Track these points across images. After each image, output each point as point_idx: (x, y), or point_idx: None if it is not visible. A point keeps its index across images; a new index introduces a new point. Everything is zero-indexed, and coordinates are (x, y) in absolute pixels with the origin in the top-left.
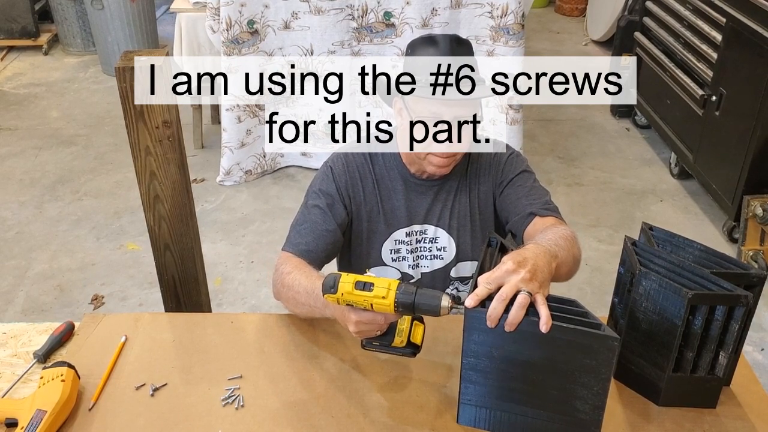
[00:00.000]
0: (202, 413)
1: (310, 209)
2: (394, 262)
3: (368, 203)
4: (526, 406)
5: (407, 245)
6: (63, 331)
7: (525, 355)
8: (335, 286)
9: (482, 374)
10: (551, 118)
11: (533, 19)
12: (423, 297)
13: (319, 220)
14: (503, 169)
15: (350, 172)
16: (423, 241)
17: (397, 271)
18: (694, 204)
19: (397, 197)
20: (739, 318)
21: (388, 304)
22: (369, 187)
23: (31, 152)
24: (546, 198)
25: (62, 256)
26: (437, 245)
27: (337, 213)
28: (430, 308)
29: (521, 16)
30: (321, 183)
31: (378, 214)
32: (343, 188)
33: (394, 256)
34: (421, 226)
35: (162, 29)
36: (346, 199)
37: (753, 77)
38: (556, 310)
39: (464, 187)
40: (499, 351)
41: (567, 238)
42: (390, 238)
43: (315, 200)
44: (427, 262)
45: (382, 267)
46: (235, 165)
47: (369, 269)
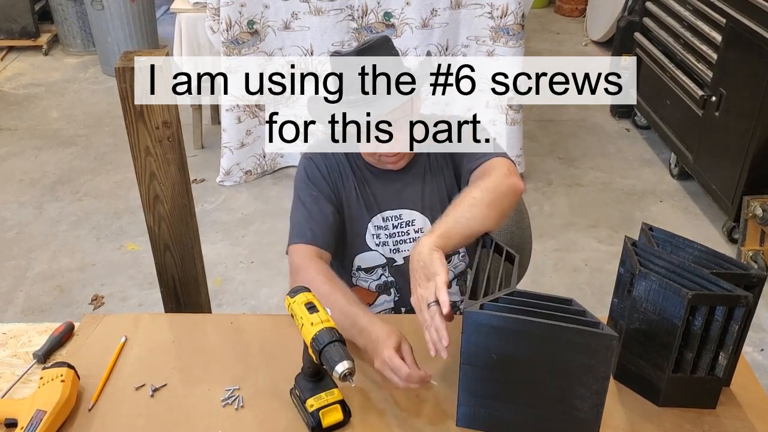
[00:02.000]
0: (202, 414)
1: (303, 200)
2: (379, 247)
3: (347, 189)
4: (525, 406)
5: (385, 230)
6: (63, 331)
7: (523, 355)
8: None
9: (481, 375)
10: (551, 118)
11: (533, 20)
12: (332, 350)
13: (316, 207)
14: None
15: (327, 159)
16: (400, 225)
17: (382, 255)
18: (694, 204)
19: (369, 184)
20: (739, 318)
21: (308, 333)
22: (347, 174)
23: (31, 152)
24: (482, 150)
25: (62, 256)
26: (414, 227)
27: (329, 197)
28: (329, 363)
29: (521, 17)
30: (306, 172)
31: (357, 200)
32: (326, 174)
33: (377, 240)
34: (395, 211)
35: (162, 29)
36: (331, 184)
37: (753, 78)
38: (555, 310)
39: (430, 168)
40: (498, 352)
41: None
42: (371, 223)
43: (306, 190)
44: (407, 245)
45: (369, 252)
46: (235, 165)
47: (356, 256)
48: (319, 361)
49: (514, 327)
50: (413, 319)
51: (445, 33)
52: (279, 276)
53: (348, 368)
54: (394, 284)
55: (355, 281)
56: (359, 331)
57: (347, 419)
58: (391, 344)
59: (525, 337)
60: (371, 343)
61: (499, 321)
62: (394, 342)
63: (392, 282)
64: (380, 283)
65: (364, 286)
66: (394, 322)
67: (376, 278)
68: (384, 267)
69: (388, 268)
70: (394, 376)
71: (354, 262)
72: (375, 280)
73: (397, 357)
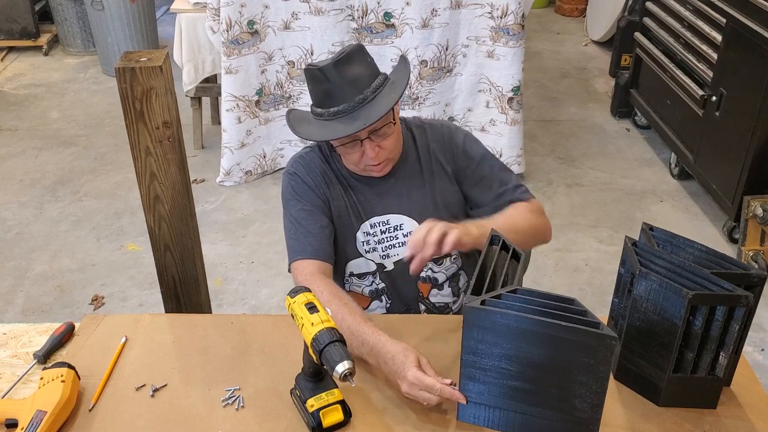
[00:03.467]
0: (203, 414)
1: (296, 216)
2: (368, 254)
3: (335, 198)
4: (526, 403)
5: (374, 236)
6: (63, 331)
7: (524, 352)
8: (297, 293)
9: (482, 371)
10: (551, 118)
11: (533, 20)
12: (332, 350)
13: (310, 221)
14: (462, 154)
15: (312, 172)
16: (388, 230)
17: (372, 262)
18: (695, 204)
19: (356, 191)
20: (740, 318)
21: (308, 334)
22: (333, 184)
23: (32, 153)
24: (514, 181)
25: (62, 256)
26: (402, 232)
27: (321, 207)
28: (329, 363)
29: (521, 17)
30: (293, 189)
31: (345, 209)
32: (314, 187)
33: (367, 247)
34: (382, 217)
35: (162, 30)
36: (321, 196)
37: (753, 77)
38: (556, 309)
39: (419, 172)
40: (499, 348)
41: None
42: (359, 230)
43: (296, 206)
44: (396, 250)
45: (359, 259)
46: (235, 165)
47: (348, 263)
48: (320, 361)
49: (514, 324)
50: (408, 319)
51: (445, 33)
52: (279, 276)
53: (348, 368)
54: (385, 290)
55: (348, 287)
56: (369, 350)
57: (348, 419)
58: (412, 363)
59: (525, 335)
60: (386, 365)
61: (499, 317)
62: (413, 360)
63: (383, 288)
64: (372, 289)
65: (357, 292)
66: (391, 324)
67: (368, 284)
68: (374, 274)
69: (379, 274)
70: (425, 393)
71: (346, 269)
72: (367, 286)
73: (424, 374)
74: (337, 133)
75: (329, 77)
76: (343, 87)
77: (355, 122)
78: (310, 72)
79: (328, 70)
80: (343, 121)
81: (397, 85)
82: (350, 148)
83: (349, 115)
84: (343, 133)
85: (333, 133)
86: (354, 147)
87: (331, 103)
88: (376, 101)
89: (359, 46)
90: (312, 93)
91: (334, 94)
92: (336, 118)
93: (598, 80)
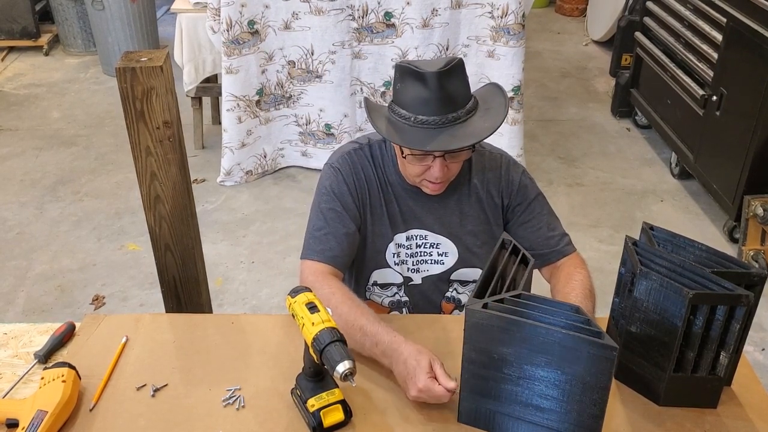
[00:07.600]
0: (203, 414)
1: (325, 213)
2: (396, 266)
3: (373, 205)
4: (526, 408)
5: (407, 249)
6: (64, 331)
7: (522, 357)
8: (298, 293)
9: (482, 374)
10: (552, 118)
11: (533, 20)
12: (333, 350)
13: (338, 224)
14: (518, 192)
15: (356, 173)
16: (424, 246)
17: (399, 274)
18: (695, 204)
19: (399, 202)
20: (740, 318)
21: (309, 333)
22: (374, 190)
23: (32, 153)
24: (560, 229)
25: (63, 256)
26: (438, 250)
27: (353, 215)
28: (330, 363)
29: (521, 17)
30: (332, 185)
31: (382, 217)
32: (353, 189)
33: (396, 259)
34: (422, 231)
35: (162, 30)
36: (357, 201)
37: (753, 77)
38: (559, 316)
39: (469, 197)
40: (498, 351)
41: (587, 289)
42: (393, 241)
43: (329, 203)
44: (427, 266)
45: (386, 269)
46: (235, 165)
47: (373, 271)
48: (320, 361)
49: (513, 328)
50: (420, 318)
51: (446, 33)
52: (280, 276)
53: (349, 368)
54: (407, 304)
55: (368, 296)
56: (383, 351)
57: (348, 419)
58: (424, 369)
59: (525, 340)
60: (397, 368)
61: (499, 321)
62: (426, 365)
63: (406, 301)
64: (393, 300)
65: (377, 302)
66: (404, 323)
67: (391, 295)
68: (399, 286)
69: (404, 287)
70: (433, 400)
71: (371, 277)
72: (389, 296)
73: (433, 383)
74: (420, 143)
75: (429, 85)
76: (441, 99)
77: (442, 139)
78: (411, 72)
79: (430, 78)
80: (429, 134)
81: (492, 114)
82: (418, 160)
83: (436, 130)
84: (427, 146)
85: (414, 142)
86: (423, 160)
87: (423, 111)
88: (468, 124)
89: (461, 61)
90: (401, 92)
91: (430, 103)
92: (421, 127)
93: (598, 80)
